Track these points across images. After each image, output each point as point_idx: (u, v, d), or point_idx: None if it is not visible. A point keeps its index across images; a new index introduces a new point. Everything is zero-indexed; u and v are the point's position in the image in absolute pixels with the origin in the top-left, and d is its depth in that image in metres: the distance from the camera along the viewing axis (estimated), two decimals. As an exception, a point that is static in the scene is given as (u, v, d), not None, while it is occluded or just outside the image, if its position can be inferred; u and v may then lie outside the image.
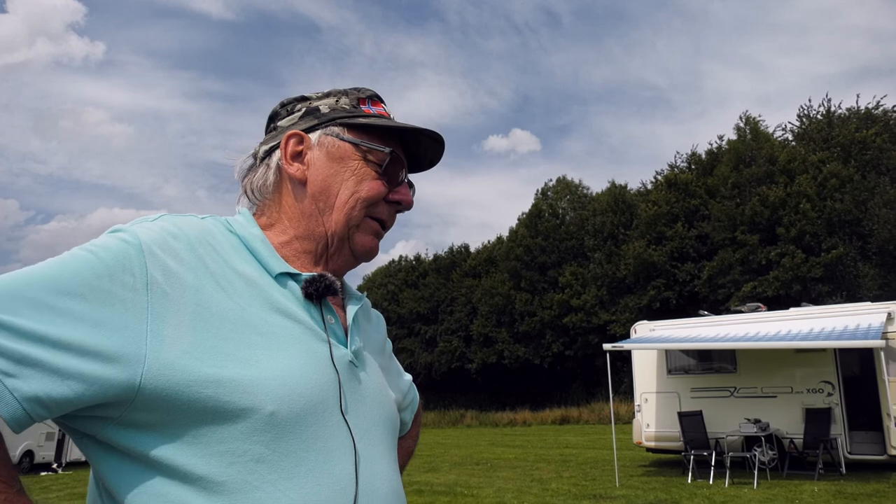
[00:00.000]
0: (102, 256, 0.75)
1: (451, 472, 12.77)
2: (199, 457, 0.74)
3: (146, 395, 0.72)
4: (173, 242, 0.81)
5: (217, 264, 0.83)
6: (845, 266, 25.38)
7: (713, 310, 18.71)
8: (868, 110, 28.57)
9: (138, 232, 0.79)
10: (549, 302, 33.51)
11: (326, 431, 0.82)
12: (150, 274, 0.76)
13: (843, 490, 9.05)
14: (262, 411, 0.76)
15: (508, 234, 38.39)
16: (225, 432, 0.75)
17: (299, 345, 0.84)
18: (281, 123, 1.01)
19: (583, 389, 32.23)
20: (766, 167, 27.82)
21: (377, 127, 0.98)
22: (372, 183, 0.96)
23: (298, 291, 0.89)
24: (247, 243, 0.90)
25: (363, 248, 0.98)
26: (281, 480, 0.77)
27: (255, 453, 0.76)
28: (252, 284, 0.85)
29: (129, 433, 0.74)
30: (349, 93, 1.01)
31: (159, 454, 0.74)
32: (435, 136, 1.00)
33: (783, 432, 11.19)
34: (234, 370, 0.76)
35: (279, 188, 0.98)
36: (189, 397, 0.73)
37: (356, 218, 0.95)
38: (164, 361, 0.73)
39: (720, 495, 9.05)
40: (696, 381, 12.38)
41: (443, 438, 23.05)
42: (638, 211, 32.21)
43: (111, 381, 0.71)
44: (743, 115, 31.41)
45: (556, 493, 9.70)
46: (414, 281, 41.51)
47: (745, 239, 27.27)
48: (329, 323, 0.91)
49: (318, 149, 0.96)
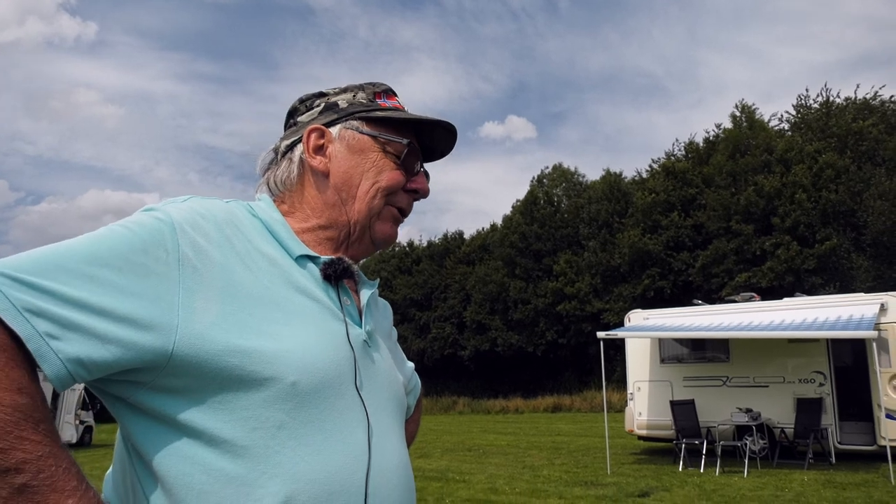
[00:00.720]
0: (138, 232, 0.81)
1: (443, 458, 12.80)
2: (225, 422, 0.80)
3: (177, 362, 0.78)
4: (202, 222, 0.86)
5: (242, 244, 0.89)
6: (839, 257, 25.44)
7: (707, 299, 18.74)
8: (866, 100, 28.53)
9: (170, 211, 0.85)
10: (543, 290, 33.52)
11: (342, 404, 0.88)
12: (182, 250, 0.82)
13: (832, 479, 9.10)
14: (285, 381, 0.82)
15: (503, 222, 38.33)
16: (249, 399, 0.80)
17: (318, 322, 0.90)
18: (301, 119, 1.07)
19: (575, 378, 32.33)
20: (763, 157, 27.80)
21: (394, 119, 1.04)
22: (391, 173, 1.02)
23: (317, 273, 0.95)
24: (268, 226, 0.96)
25: (383, 235, 1.04)
26: (300, 446, 0.82)
27: (276, 420, 0.81)
28: (274, 264, 0.91)
29: (159, 397, 0.80)
30: (365, 87, 1.07)
31: (187, 418, 0.79)
32: (449, 126, 1.06)
33: (774, 422, 11.24)
34: (258, 342, 0.82)
35: (302, 180, 1.04)
36: (217, 365, 0.79)
37: (377, 207, 1.01)
38: (195, 331, 0.79)
39: (710, 483, 9.09)
40: (689, 370, 12.41)
41: (435, 425, 23.12)
42: (633, 199, 32.18)
43: (146, 348, 0.77)
44: (739, 103, 31.32)
45: (547, 480, 9.73)
46: (407, 267, 41.46)
47: (739, 229, 27.29)
48: (345, 304, 0.97)
49: (339, 142, 1.02)
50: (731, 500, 7.96)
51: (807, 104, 30.54)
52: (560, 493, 8.65)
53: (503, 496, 8.49)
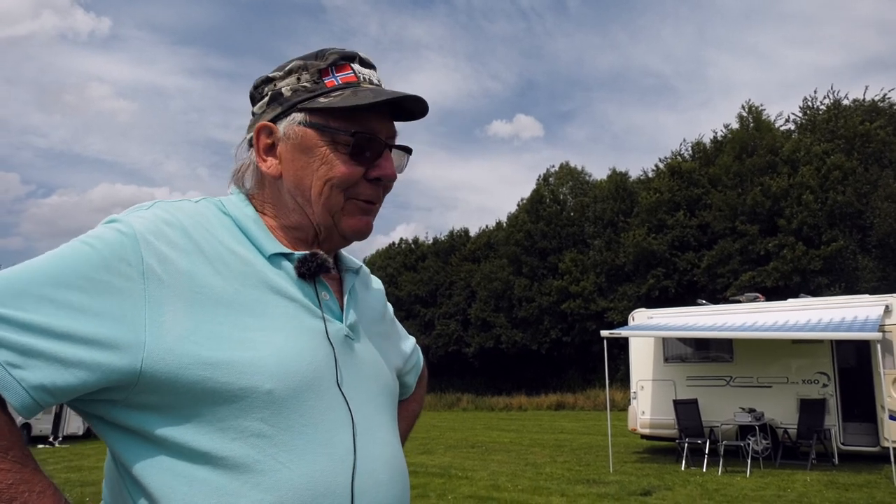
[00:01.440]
0: (99, 248, 0.78)
1: (447, 455, 12.85)
2: (203, 434, 0.78)
3: (148, 379, 0.76)
4: (167, 229, 0.83)
5: (212, 247, 0.86)
6: (844, 258, 25.36)
7: (712, 299, 18.73)
8: (874, 102, 28.39)
9: (133, 221, 0.82)
10: (548, 288, 33.52)
11: (323, 405, 0.86)
12: (146, 262, 0.79)
13: (835, 480, 9.11)
14: (260, 390, 0.80)
15: (508, 220, 38.32)
16: (225, 411, 0.79)
17: (294, 323, 0.87)
18: (255, 110, 1.00)
19: (579, 376, 32.33)
20: (769, 157, 27.71)
21: (338, 108, 0.93)
22: (342, 167, 0.93)
23: (292, 271, 0.91)
24: (240, 224, 0.92)
25: (352, 230, 0.97)
26: (281, 453, 0.81)
27: (255, 429, 0.80)
28: (247, 265, 0.88)
29: (135, 414, 0.79)
30: (309, 66, 0.96)
31: (166, 433, 0.78)
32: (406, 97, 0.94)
33: (777, 422, 11.25)
34: (230, 352, 0.80)
35: (261, 181, 0.98)
36: (189, 379, 0.77)
37: (335, 205, 0.94)
38: (164, 346, 0.77)
39: (713, 483, 9.11)
40: (693, 370, 12.42)
41: (439, 421, 23.18)
42: (639, 199, 32.13)
43: (113, 368, 0.75)
44: (746, 104, 31.20)
45: (550, 478, 9.76)
46: (413, 264, 41.50)
47: (745, 229, 27.22)
48: (324, 300, 0.94)
49: (286, 141, 0.94)
50: (734, 499, 7.98)
51: (814, 106, 30.42)
52: (562, 490, 8.69)
53: (506, 493, 8.53)
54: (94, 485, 8.89)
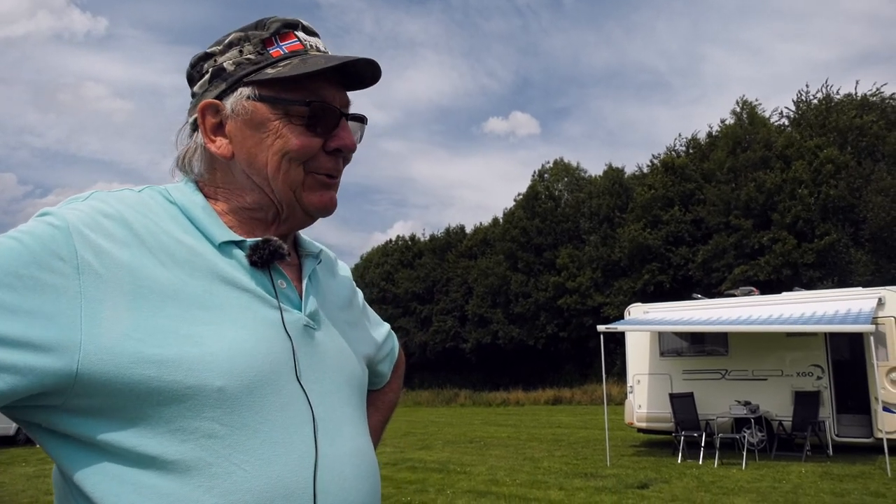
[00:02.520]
0: (28, 243, 0.72)
1: (445, 450, 12.90)
2: (150, 437, 0.73)
3: (85, 381, 0.70)
4: (104, 221, 0.77)
5: (155, 238, 0.80)
6: (837, 252, 25.49)
7: (707, 293, 18.82)
8: (865, 97, 28.51)
9: (66, 214, 0.76)
10: (545, 284, 33.60)
11: (281, 400, 0.81)
12: (81, 256, 0.73)
13: (829, 471, 9.20)
14: (210, 387, 0.75)
15: (504, 216, 38.37)
16: (173, 411, 0.74)
17: (247, 315, 0.82)
18: (195, 90, 0.93)
19: (576, 370, 32.44)
20: (763, 152, 27.81)
21: (287, 78, 0.87)
22: (298, 139, 0.87)
23: (244, 259, 0.86)
24: (187, 212, 0.86)
25: (315, 206, 0.91)
26: (235, 454, 0.76)
27: (206, 430, 0.75)
28: (194, 255, 0.82)
29: (74, 419, 0.73)
30: (251, 36, 0.90)
31: (109, 437, 0.73)
32: (358, 62, 0.88)
33: (772, 414, 11.33)
34: (177, 348, 0.74)
35: (211, 164, 0.91)
36: (132, 379, 0.72)
37: (295, 180, 0.88)
38: (102, 345, 0.71)
39: (709, 475, 9.19)
40: (688, 364, 12.50)
41: (436, 417, 23.24)
42: (634, 194, 32.21)
43: (46, 371, 0.69)
44: (740, 99, 31.30)
45: (547, 472, 9.83)
46: (409, 261, 41.51)
47: (739, 223, 27.34)
48: (280, 288, 0.88)
49: (235, 118, 0.88)
50: (730, 491, 8.06)
51: (806, 100, 30.53)
52: (560, 484, 8.75)
53: (504, 487, 8.58)
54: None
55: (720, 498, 7.66)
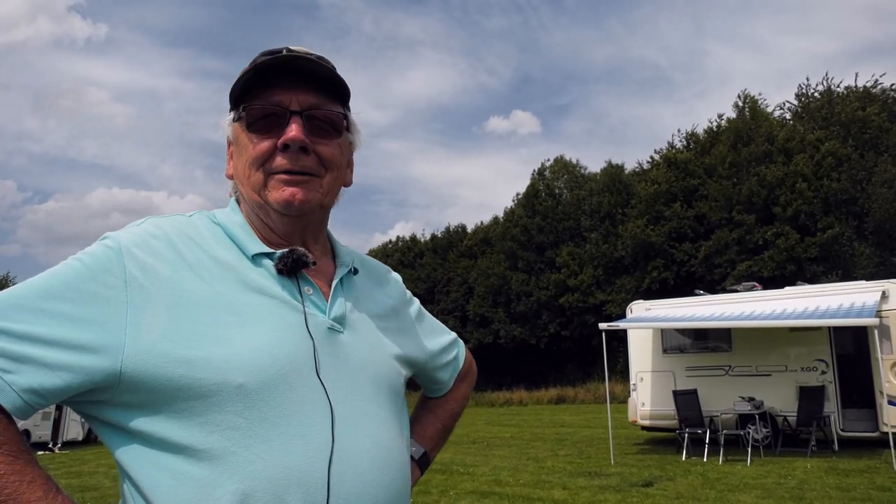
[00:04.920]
0: (88, 262, 0.87)
1: (448, 451, 12.85)
2: (182, 428, 0.84)
3: (128, 378, 0.83)
4: (152, 241, 0.91)
5: (195, 255, 0.92)
6: (841, 245, 25.40)
7: (709, 289, 18.76)
8: (867, 89, 28.42)
9: (120, 237, 0.91)
10: (546, 282, 33.55)
11: (300, 396, 0.89)
12: (129, 272, 0.86)
13: (835, 466, 9.14)
14: (231, 384, 0.85)
15: (504, 215, 38.31)
16: (202, 405, 0.84)
17: (272, 319, 0.92)
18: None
19: (578, 369, 32.38)
20: (765, 146, 27.73)
21: (235, 92, 0.98)
22: (248, 146, 0.98)
23: (273, 268, 0.97)
24: (227, 231, 0.99)
25: (279, 202, 0.97)
26: (255, 444, 0.85)
27: (230, 422, 0.84)
28: (229, 268, 0.94)
29: (121, 412, 0.85)
30: (244, 72, 0.98)
31: (149, 428, 0.84)
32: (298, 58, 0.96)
33: (777, 410, 11.27)
34: (206, 349, 0.85)
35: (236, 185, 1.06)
36: (166, 377, 0.83)
37: (256, 182, 0.98)
38: (142, 347, 0.83)
39: (714, 472, 9.13)
40: (692, 360, 12.44)
41: (439, 417, 23.17)
42: (635, 191, 32.14)
43: (95, 370, 0.82)
44: (742, 93, 31.21)
45: (551, 471, 9.77)
46: (410, 261, 41.50)
47: (741, 219, 27.26)
48: (307, 294, 0.97)
49: (232, 142, 1.04)
50: (735, 488, 8.00)
51: (808, 93, 30.45)
52: (564, 483, 8.70)
53: (507, 488, 8.53)
54: (95, 489, 8.87)
55: (725, 495, 7.60)
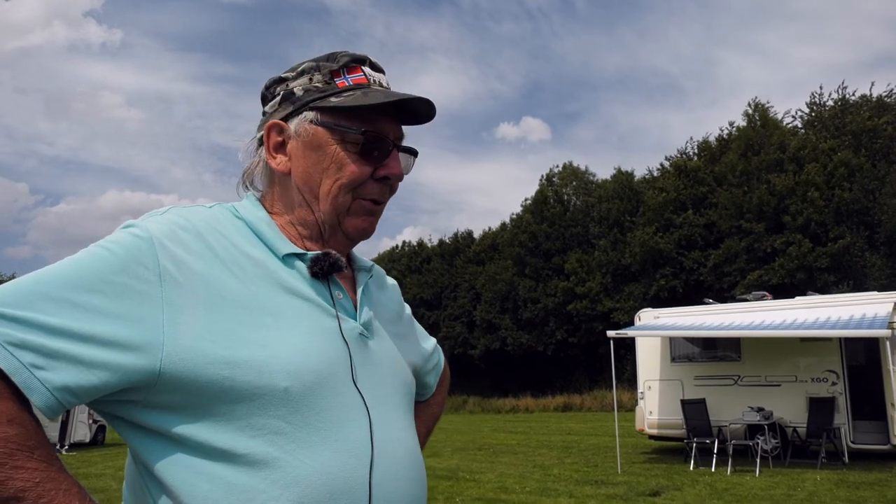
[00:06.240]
0: (117, 252, 0.81)
1: (454, 457, 12.81)
2: (222, 432, 0.80)
3: (167, 379, 0.78)
4: (182, 234, 0.85)
5: (226, 250, 0.88)
6: (852, 255, 25.23)
7: (718, 298, 18.64)
8: (880, 98, 28.27)
9: (149, 226, 0.84)
10: (554, 289, 33.48)
11: (340, 401, 0.87)
12: (163, 265, 0.81)
13: (845, 479, 9.04)
14: (277, 388, 0.82)
15: (512, 221, 38.28)
16: (243, 409, 0.81)
17: (309, 322, 0.89)
18: (266, 109, 1.02)
19: (586, 377, 32.27)
20: (775, 155, 27.61)
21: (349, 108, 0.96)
22: (352, 167, 0.95)
23: (305, 271, 0.93)
24: (253, 227, 0.94)
25: (355, 231, 0.99)
26: (299, 450, 0.82)
27: (273, 426, 0.81)
28: (261, 266, 0.89)
29: (155, 414, 0.80)
30: (321, 67, 0.98)
31: (185, 431, 0.80)
32: (415, 100, 0.96)
33: (786, 421, 11.17)
34: (248, 351, 0.81)
35: (271, 178, 1.00)
36: (207, 379, 0.79)
37: (343, 204, 0.96)
38: (182, 347, 0.79)
39: (722, 482, 9.05)
40: (700, 369, 12.36)
41: (445, 424, 23.15)
42: (644, 198, 32.06)
43: (133, 369, 0.77)
44: (752, 101, 31.10)
45: (557, 479, 9.72)
46: (417, 266, 41.55)
47: (751, 227, 27.13)
48: (337, 298, 0.95)
49: (297, 138, 0.96)
50: (743, 499, 7.93)
51: (821, 102, 30.31)
52: (570, 491, 8.64)
53: (513, 495, 8.49)
54: (102, 492, 8.88)
55: (734, 506, 7.52)
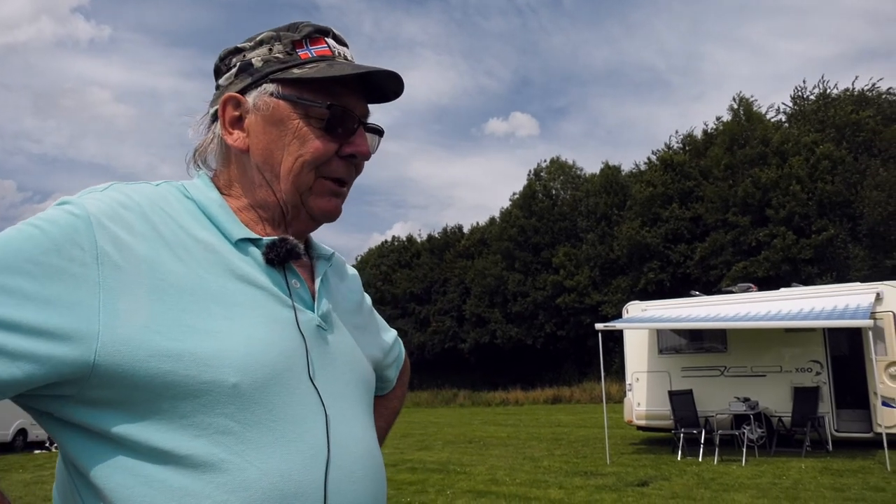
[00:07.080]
0: (48, 230, 0.71)
1: (444, 451, 12.88)
2: (163, 431, 0.72)
3: (102, 371, 0.70)
4: (124, 212, 0.77)
5: (172, 232, 0.80)
6: (835, 247, 25.53)
7: (705, 291, 18.82)
8: (863, 92, 28.56)
9: (86, 203, 0.75)
10: (542, 283, 33.61)
11: (294, 398, 0.80)
12: (100, 247, 0.73)
13: (829, 467, 9.20)
14: (225, 384, 0.74)
15: (501, 215, 38.36)
16: (188, 406, 0.73)
17: (262, 312, 0.81)
18: (220, 82, 0.93)
19: (575, 369, 32.46)
20: (760, 148, 27.84)
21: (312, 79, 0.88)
22: (315, 143, 0.87)
23: (260, 257, 0.86)
24: (204, 209, 0.86)
25: (321, 211, 0.91)
26: (248, 451, 0.75)
27: (220, 425, 0.74)
28: (211, 251, 0.82)
29: (88, 410, 0.72)
30: (282, 37, 0.90)
31: (122, 430, 0.72)
32: (383, 73, 0.89)
33: (772, 411, 11.33)
34: (194, 342, 0.74)
35: (227, 156, 0.92)
36: (148, 372, 0.71)
37: (305, 183, 0.88)
38: (120, 337, 0.71)
39: (709, 472, 9.18)
40: (687, 361, 12.49)
41: (435, 417, 23.22)
42: (631, 192, 32.23)
43: (64, 360, 0.68)
44: (737, 95, 31.31)
45: (547, 471, 9.81)
46: (407, 261, 41.50)
47: (736, 220, 27.37)
48: (294, 288, 0.87)
49: (255, 112, 0.88)
50: (730, 488, 8.05)
51: (804, 96, 30.57)
52: (560, 483, 8.74)
53: (504, 487, 8.57)
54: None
55: (720, 495, 7.65)
